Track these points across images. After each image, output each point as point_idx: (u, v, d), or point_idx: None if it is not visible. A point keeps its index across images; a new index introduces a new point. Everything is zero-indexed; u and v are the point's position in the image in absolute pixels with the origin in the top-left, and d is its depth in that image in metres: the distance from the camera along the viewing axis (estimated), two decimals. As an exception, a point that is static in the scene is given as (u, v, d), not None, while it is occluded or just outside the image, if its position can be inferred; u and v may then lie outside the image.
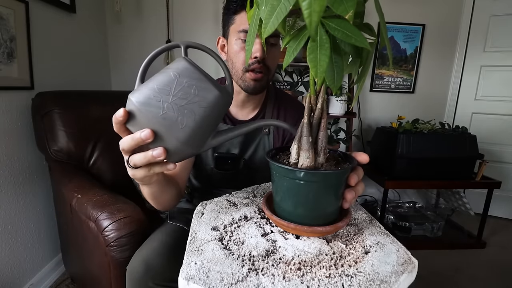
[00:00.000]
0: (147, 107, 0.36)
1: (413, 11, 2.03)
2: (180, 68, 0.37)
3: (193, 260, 0.38)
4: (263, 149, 0.81)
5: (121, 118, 0.37)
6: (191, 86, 0.37)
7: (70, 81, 1.46)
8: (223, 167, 0.80)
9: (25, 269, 1.19)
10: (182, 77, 0.37)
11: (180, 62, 0.38)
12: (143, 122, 0.37)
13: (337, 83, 0.35)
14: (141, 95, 0.36)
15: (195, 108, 0.37)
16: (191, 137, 0.37)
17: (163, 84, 0.36)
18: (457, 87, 2.15)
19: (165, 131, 0.36)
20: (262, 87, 0.74)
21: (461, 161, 1.64)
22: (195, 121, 0.37)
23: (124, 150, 0.39)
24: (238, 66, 0.71)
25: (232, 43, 0.71)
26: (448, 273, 1.48)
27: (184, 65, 0.38)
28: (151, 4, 1.88)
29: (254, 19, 0.37)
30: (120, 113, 0.37)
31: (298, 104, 0.87)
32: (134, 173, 0.42)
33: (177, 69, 0.37)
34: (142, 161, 0.39)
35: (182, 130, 0.36)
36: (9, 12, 1.05)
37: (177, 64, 0.38)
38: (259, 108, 0.82)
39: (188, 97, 0.36)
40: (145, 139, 0.36)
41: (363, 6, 0.37)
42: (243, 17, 0.68)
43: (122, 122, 0.38)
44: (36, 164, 1.23)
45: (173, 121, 0.36)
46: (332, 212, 0.43)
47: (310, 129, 0.41)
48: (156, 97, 0.36)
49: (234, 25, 0.70)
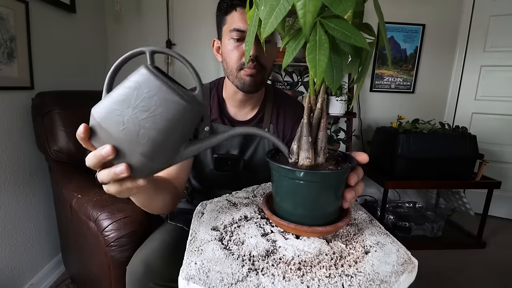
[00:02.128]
0: (107, 122, 0.34)
1: (413, 11, 2.03)
2: (140, 77, 0.34)
3: (193, 260, 0.38)
4: (262, 149, 0.81)
5: (82, 135, 0.36)
6: (152, 97, 0.33)
7: (70, 81, 1.46)
8: (223, 168, 0.80)
9: (25, 269, 1.19)
10: (142, 87, 0.33)
11: (140, 70, 0.35)
12: (104, 138, 0.35)
13: (337, 83, 0.35)
14: (102, 109, 0.34)
15: (158, 120, 0.33)
16: (155, 152, 0.35)
17: (123, 96, 0.34)
18: (457, 87, 2.15)
19: (127, 147, 0.34)
20: (257, 84, 0.73)
21: (461, 161, 1.64)
22: (158, 135, 0.34)
23: (90, 166, 0.38)
24: (232, 65, 0.71)
25: (225, 43, 0.71)
26: (448, 273, 1.48)
27: (144, 74, 0.34)
28: (151, 4, 1.88)
29: (253, 19, 0.37)
30: (81, 130, 0.35)
31: (297, 104, 0.87)
32: (108, 188, 0.40)
33: (137, 79, 0.34)
34: (107, 178, 0.37)
35: (145, 144, 0.34)
36: (9, 12, 1.05)
37: (138, 73, 0.35)
38: (258, 108, 0.82)
39: (150, 109, 0.33)
40: (106, 156, 0.34)
41: (362, 6, 0.37)
42: (233, 17, 0.68)
43: (85, 139, 0.36)
44: (36, 164, 1.23)
45: (134, 136, 0.33)
46: (332, 212, 0.43)
47: (309, 129, 0.41)
48: (116, 111, 0.33)
49: (226, 25, 0.71)
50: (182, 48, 1.95)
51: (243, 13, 0.67)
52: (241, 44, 0.69)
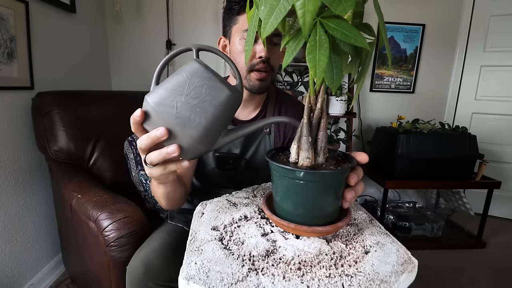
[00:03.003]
0: (161, 107, 0.38)
1: (413, 11, 2.03)
2: (192, 69, 0.39)
3: (193, 260, 0.38)
4: (264, 149, 0.81)
5: (138, 118, 0.39)
6: (202, 86, 0.38)
7: (70, 81, 1.46)
8: (224, 167, 0.80)
9: (25, 269, 1.19)
10: (194, 77, 0.39)
11: (192, 63, 0.40)
12: (158, 121, 0.39)
13: (336, 83, 0.35)
14: (156, 96, 0.38)
15: (207, 106, 0.38)
16: (203, 134, 0.39)
17: (176, 85, 0.38)
18: (457, 87, 2.15)
19: (179, 129, 0.38)
20: (266, 86, 0.74)
21: (461, 161, 1.64)
22: (207, 119, 0.38)
23: (141, 148, 0.41)
24: (242, 65, 0.71)
25: (235, 43, 0.71)
26: (448, 273, 1.48)
27: (196, 66, 0.40)
28: (151, 4, 1.88)
29: (253, 19, 0.37)
30: (138, 113, 0.39)
31: (298, 104, 0.88)
32: (151, 171, 0.43)
33: (189, 70, 0.39)
34: (157, 158, 0.40)
35: (195, 128, 0.38)
36: (9, 12, 1.05)
37: (189, 65, 0.40)
38: (260, 107, 0.83)
39: (200, 96, 0.38)
40: (160, 137, 0.38)
41: (362, 6, 0.37)
42: (245, 17, 0.69)
43: (139, 122, 0.40)
44: (36, 164, 1.23)
45: (186, 120, 0.38)
46: (332, 212, 0.43)
47: (309, 129, 0.41)
48: (170, 97, 0.38)
49: (238, 25, 0.71)
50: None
51: None
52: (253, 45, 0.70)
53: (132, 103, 1.44)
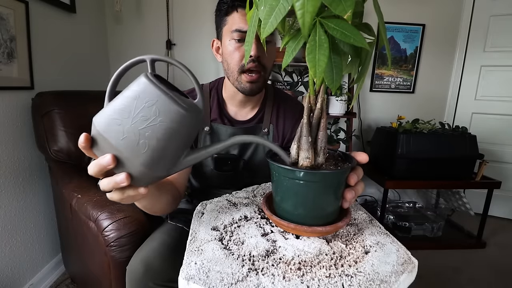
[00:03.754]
0: (107, 132, 0.34)
1: (413, 11, 2.03)
2: (140, 86, 0.34)
3: (193, 260, 0.38)
4: (262, 149, 0.81)
5: (83, 144, 0.36)
6: (151, 107, 0.34)
7: (70, 81, 1.46)
8: (223, 168, 0.80)
9: (25, 269, 1.19)
10: (142, 96, 0.34)
11: (140, 79, 0.35)
12: (105, 147, 0.35)
13: (336, 83, 0.35)
14: (102, 119, 0.35)
15: (158, 129, 0.34)
16: (156, 160, 0.35)
17: (123, 106, 0.34)
18: (457, 87, 2.14)
19: (127, 156, 0.34)
20: (258, 87, 0.73)
21: (461, 161, 1.64)
22: (158, 144, 0.34)
23: (92, 175, 0.38)
24: (233, 67, 0.71)
25: (226, 44, 0.71)
26: (448, 273, 1.48)
27: (144, 83, 0.34)
28: (151, 4, 1.88)
29: (253, 19, 0.37)
30: (82, 139, 0.36)
31: (298, 104, 0.87)
32: (110, 196, 0.41)
33: (137, 88, 0.34)
34: (108, 186, 0.37)
35: (145, 154, 0.34)
36: (9, 12, 1.05)
37: (137, 82, 0.35)
38: (258, 107, 0.82)
39: (150, 118, 0.34)
40: (106, 165, 0.35)
41: (362, 6, 0.37)
42: (234, 18, 0.68)
43: (86, 148, 0.36)
44: (36, 164, 1.23)
45: (134, 146, 0.34)
46: (332, 212, 0.43)
47: (309, 129, 0.41)
48: (116, 120, 0.34)
49: (227, 26, 0.70)
50: (182, 48, 1.95)
51: (244, 14, 0.67)
52: (242, 45, 0.69)
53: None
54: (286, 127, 0.83)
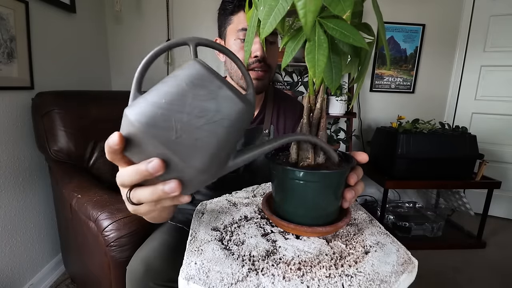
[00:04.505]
0: (153, 130, 0.26)
1: (413, 11, 2.03)
2: (193, 75, 0.28)
3: (193, 260, 0.38)
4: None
5: (117, 147, 0.27)
6: (209, 100, 0.28)
7: (70, 81, 1.46)
8: None
9: (25, 269, 1.19)
10: (196, 87, 0.27)
11: (193, 67, 0.28)
12: (148, 150, 0.28)
13: (336, 83, 0.35)
14: (144, 113, 0.27)
15: (217, 127, 0.28)
16: (211, 163, 0.29)
17: (173, 98, 0.27)
18: (457, 87, 2.15)
19: (180, 160, 0.27)
20: (264, 85, 0.74)
21: (461, 161, 1.64)
22: (217, 145, 0.28)
23: (125, 184, 0.31)
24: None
25: (230, 43, 0.71)
26: (448, 273, 1.48)
27: (199, 71, 0.28)
28: (151, 4, 1.88)
29: (252, 19, 0.37)
30: (115, 141, 0.27)
31: (298, 104, 0.88)
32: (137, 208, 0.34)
33: (190, 77, 0.28)
34: (150, 197, 0.30)
35: (200, 156, 0.28)
36: (9, 12, 1.05)
37: (189, 69, 0.28)
38: (258, 109, 0.83)
39: (208, 114, 0.28)
40: (154, 173, 0.27)
41: (361, 6, 0.37)
42: (240, 17, 0.68)
43: (119, 151, 0.28)
44: (36, 164, 1.23)
45: (189, 147, 0.27)
46: (332, 212, 0.43)
47: (309, 129, 0.41)
48: (165, 116, 0.27)
49: (232, 25, 0.70)
50: (182, 48, 1.95)
51: None
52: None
53: (132, 103, 1.44)
54: (287, 128, 0.83)
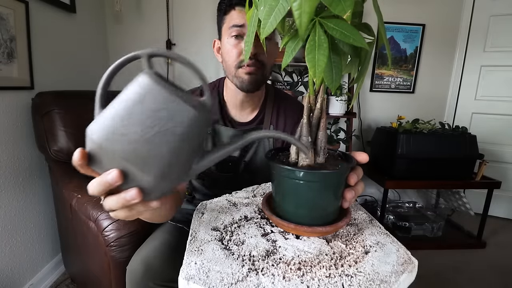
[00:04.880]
0: (110, 144, 0.29)
1: (413, 11, 2.03)
2: (143, 87, 0.29)
3: (193, 260, 0.38)
4: (263, 150, 0.81)
5: (80, 162, 0.31)
6: (159, 110, 0.29)
7: (70, 81, 1.46)
8: (224, 169, 0.80)
9: (25, 269, 1.19)
10: (148, 99, 0.29)
11: (142, 79, 0.30)
12: (108, 162, 0.30)
13: (336, 83, 0.35)
14: (101, 129, 0.29)
15: (169, 136, 0.29)
16: (168, 170, 0.30)
17: (125, 112, 0.29)
18: (457, 87, 2.14)
19: (136, 169, 0.29)
20: (257, 82, 0.72)
21: (461, 161, 1.64)
22: (170, 152, 0.30)
23: (94, 194, 0.34)
24: (230, 63, 0.71)
25: (224, 43, 0.71)
26: (448, 273, 1.48)
27: (148, 83, 0.29)
28: (151, 4, 1.88)
29: (252, 19, 0.37)
30: (77, 156, 0.30)
31: (298, 104, 0.87)
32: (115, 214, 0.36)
33: (140, 90, 0.29)
34: (116, 205, 0.33)
35: (156, 164, 0.29)
36: (9, 12, 1.05)
37: (139, 82, 0.30)
38: (258, 109, 0.82)
39: (159, 123, 0.29)
40: (113, 183, 0.30)
41: (361, 6, 0.37)
42: (233, 15, 0.69)
43: (83, 165, 0.31)
44: (36, 164, 1.23)
45: (144, 156, 0.29)
46: (332, 212, 0.43)
47: (309, 129, 0.41)
48: (120, 129, 0.28)
49: (225, 24, 0.71)
50: (182, 48, 1.95)
51: (241, 11, 0.68)
52: (239, 42, 0.69)
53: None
54: (287, 128, 0.83)
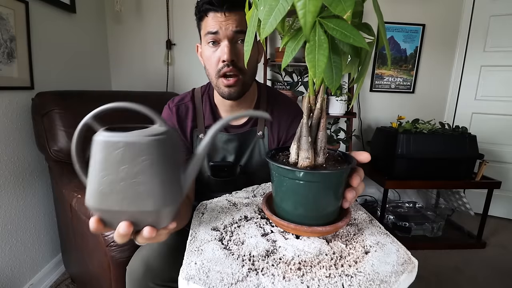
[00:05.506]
0: (105, 204, 0.33)
1: (413, 11, 2.03)
2: (101, 149, 0.33)
3: (193, 260, 0.38)
4: (258, 153, 0.80)
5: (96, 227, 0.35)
6: (124, 156, 0.32)
7: (70, 81, 1.46)
8: (219, 174, 0.79)
9: (25, 269, 1.19)
10: (110, 155, 0.32)
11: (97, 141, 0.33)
12: (114, 218, 0.35)
13: (336, 83, 0.35)
14: (92, 197, 0.34)
15: (145, 170, 0.32)
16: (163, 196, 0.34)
17: (102, 174, 0.33)
18: (457, 87, 2.14)
19: (138, 211, 0.33)
20: (237, 92, 0.70)
21: (461, 161, 1.64)
22: (153, 181, 0.33)
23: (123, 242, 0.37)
24: (211, 72, 0.70)
25: (204, 50, 0.70)
26: (448, 273, 1.48)
27: (102, 141, 0.33)
28: (151, 4, 1.88)
29: (252, 19, 0.37)
30: (93, 226, 0.35)
31: (291, 104, 0.85)
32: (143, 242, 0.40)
33: (100, 152, 0.33)
34: (145, 242, 0.38)
35: (150, 198, 0.33)
36: (9, 12, 1.05)
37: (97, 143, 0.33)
38: None
39: (130, 165, 0.32)
40: (126, 233, 0.34)
41: (362, 6, 0.37)
42: (207, 22, 0.67)
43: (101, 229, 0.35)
44: (36, 164, 1.23)
45: (135, 199, 0.33)
46: (332, 212, 0.43)
47: (309, 129, 0.41)
48: (104, 190, 0.33)
49: (202, 30, 0.69)
50: (182, 48, 1.95)
51: (214, 17, 0.65)
52: (217, 49, 0.67)
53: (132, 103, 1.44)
54: (281, 129, 0.81)
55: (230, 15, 0.64)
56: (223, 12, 0.63)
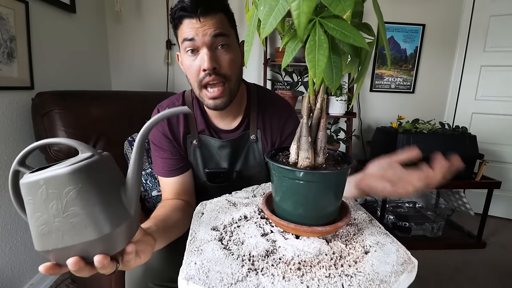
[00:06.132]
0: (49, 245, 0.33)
1: (413, 11, 2.03)
2: (29, 191, 0.32)
3: (193, 260, 0.38)
4: (253, 157, 0.79)
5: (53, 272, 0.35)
6: (50, 191, 0.32)
7: (70, 81, 1.46)
8: (216, 180, 0.78)
9: (25, 269, 1.19)
10: (36, 196, 0.32)
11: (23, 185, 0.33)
12: (64, 256, 0.34)
13: (336, 83, 0.35)
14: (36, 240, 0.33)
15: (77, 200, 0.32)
16: (104, 220, 0.33)
17: (37, 217, 0.32)
18: (457, 87, 2.14)
19: (83, 243, 0.33)
20: (225, 102, 0.66)
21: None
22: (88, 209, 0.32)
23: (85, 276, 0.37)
24: (192, 82, 0.66)
25: (183, 58, 0.66)
26: (448, 273, 1.48)
27: (25, 187, 0.33)
28: (151, 4, 1.88)
29: (252, 19, 0.37)
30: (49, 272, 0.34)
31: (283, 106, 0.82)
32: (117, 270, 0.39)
33: (26, 196, 0.33)
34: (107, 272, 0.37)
35: (89, 226, 0.32)
36: (9, 12, 1.05)
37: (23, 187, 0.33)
38: (242, 114, 0.77)
39: (58, 198, 0.32)
40: (78, 268, 0.34)
41: (362, 6, 0.37)
42: (182, 29, 0.63)
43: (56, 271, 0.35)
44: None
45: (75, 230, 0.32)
46: (332, 212, 0.43)
47: (309, 129, 0.41)
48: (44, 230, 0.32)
49: (179, 38, 0.65)
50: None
51: (189, 23, 0.61)
52: (196, 57, 0.63)
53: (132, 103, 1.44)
54: (274, 131, 0.78)
55: (206, 20, 0.59)
56: (198, 18, 0.59)
